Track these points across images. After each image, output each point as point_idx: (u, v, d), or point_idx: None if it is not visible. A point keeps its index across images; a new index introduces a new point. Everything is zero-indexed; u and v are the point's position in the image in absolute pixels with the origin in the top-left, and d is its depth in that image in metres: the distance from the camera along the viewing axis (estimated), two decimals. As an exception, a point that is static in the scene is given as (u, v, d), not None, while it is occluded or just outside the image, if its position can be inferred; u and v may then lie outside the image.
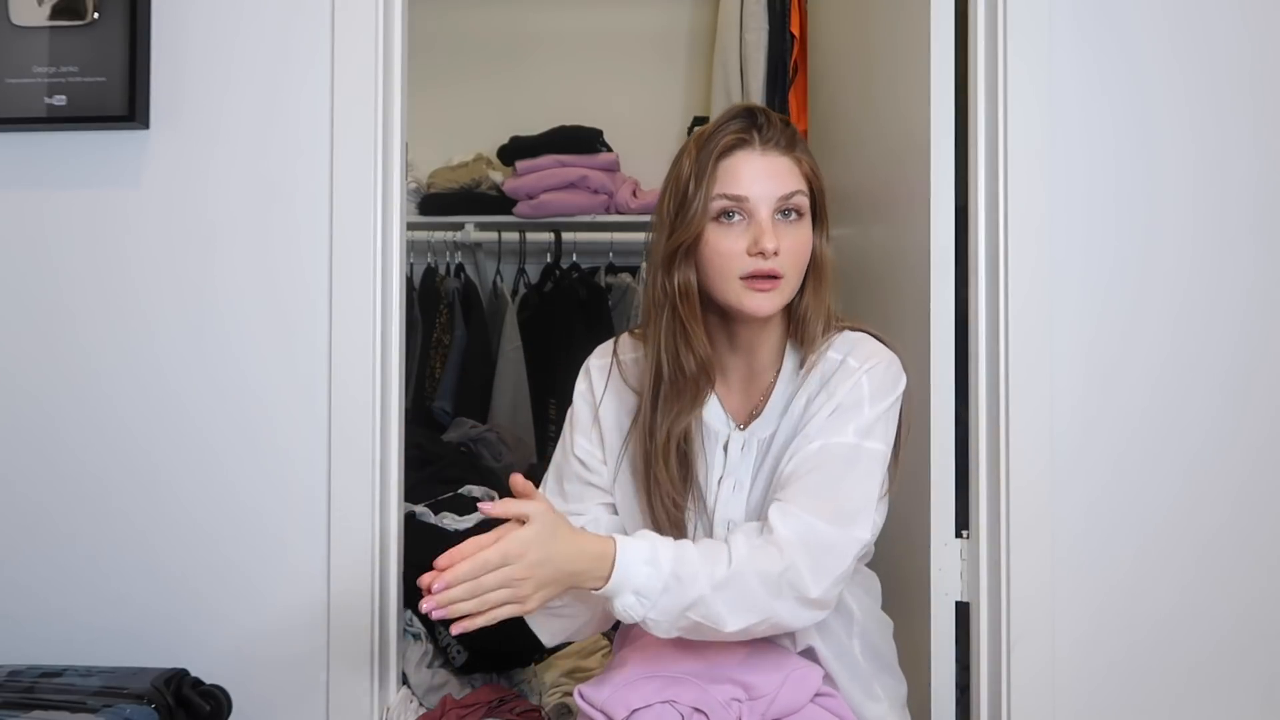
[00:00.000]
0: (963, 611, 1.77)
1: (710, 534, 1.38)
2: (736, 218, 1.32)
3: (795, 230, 1.33)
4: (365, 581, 1.72)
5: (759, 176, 1.32)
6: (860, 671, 1.43)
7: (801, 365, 1.38)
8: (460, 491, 2.39)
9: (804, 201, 1.34)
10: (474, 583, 1.14)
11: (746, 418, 1.41)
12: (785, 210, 1.33)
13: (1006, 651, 1.68)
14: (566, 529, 1.22)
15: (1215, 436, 1.70)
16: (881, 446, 1.33)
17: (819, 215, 1.38)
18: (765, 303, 1.32)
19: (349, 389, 1.72)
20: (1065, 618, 1.69)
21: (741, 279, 1.32)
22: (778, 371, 1.41)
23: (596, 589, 1.21)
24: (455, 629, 1.17)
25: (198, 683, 1.62)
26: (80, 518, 1.76)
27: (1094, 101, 1.71)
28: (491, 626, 1.19)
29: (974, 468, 1.74)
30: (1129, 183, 1.71)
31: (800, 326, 1.38)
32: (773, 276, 1.31)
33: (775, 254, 1.30)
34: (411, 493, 2.12)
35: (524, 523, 1.18)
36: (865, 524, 1.30)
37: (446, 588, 1.13)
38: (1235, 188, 1.70)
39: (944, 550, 1.76)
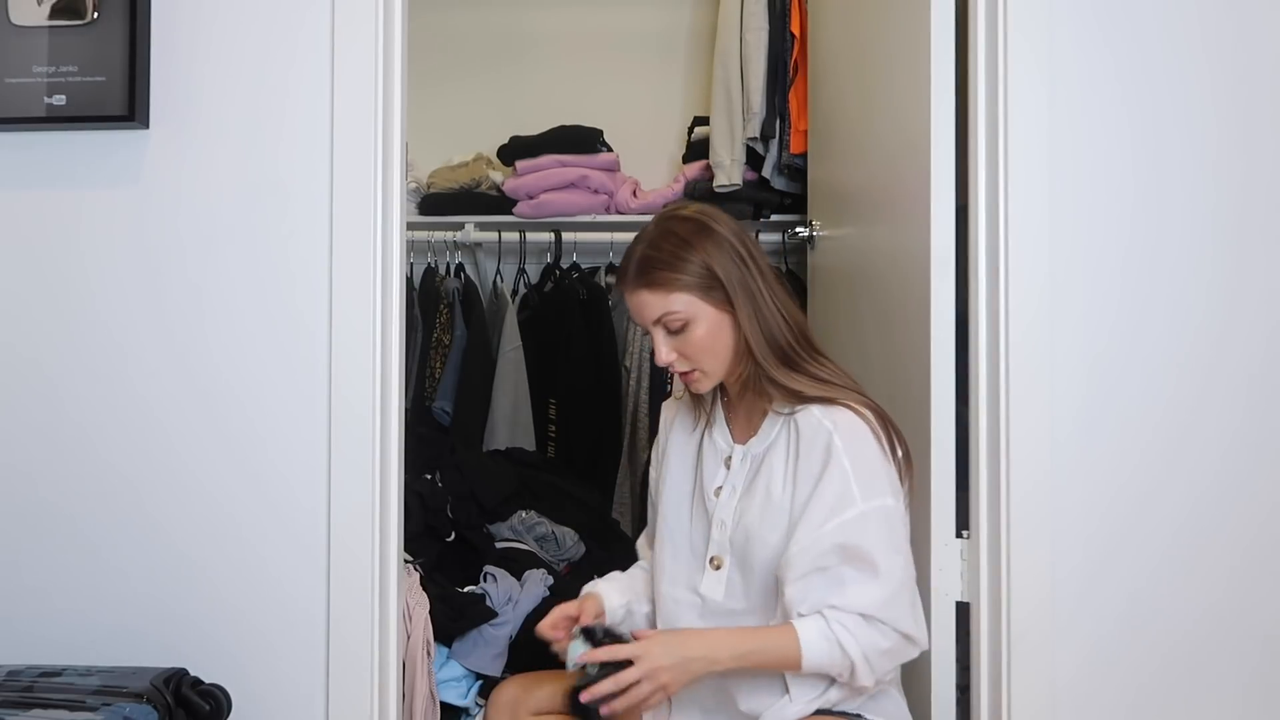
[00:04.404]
0: (963, 611, 1.77)
1: (707, 531, 1.64)
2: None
3: (682, 337, 1.60)
4: (365, 580, 1.72)
5: (634, 311, 1.63)
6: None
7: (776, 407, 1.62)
8: (478, 590, 2.23)
9: (676, 318, 1.58)
10: None
11: (745, 438, 1.66)
12: (665, 328, 1.60)
13: (1006, 651, 1.68)
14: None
15: (1220, 436, 1.70)
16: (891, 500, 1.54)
17: (734, 295, 1.58)
18: (695, 388, 1.65)
19: (349, 388, 1.72)
20: (1065, 618, 1.69)
21: None
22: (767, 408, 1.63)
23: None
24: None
25: (197, 682, 1.61)
26: (80, 517, 1.76)
27: (1095, 100, 1.71)
28: None
29: (974, 468, 1.74)
30: (1131, 181, 1.71)
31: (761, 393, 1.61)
32: (685, 372, 1.62)
33: (670, 363, 1.60)
34: (410, 543, 2.02)
35: None
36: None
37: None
38: (1240, 187, 1.70)
39: (944, 550, 1.76)
